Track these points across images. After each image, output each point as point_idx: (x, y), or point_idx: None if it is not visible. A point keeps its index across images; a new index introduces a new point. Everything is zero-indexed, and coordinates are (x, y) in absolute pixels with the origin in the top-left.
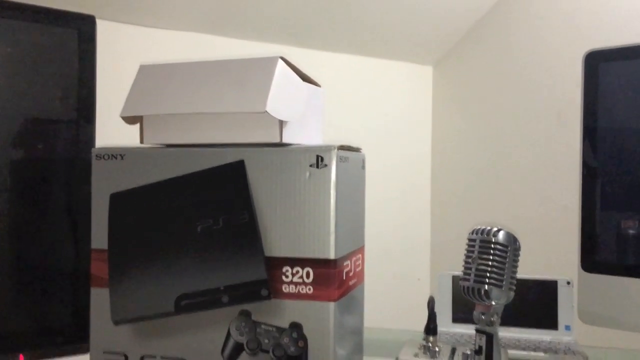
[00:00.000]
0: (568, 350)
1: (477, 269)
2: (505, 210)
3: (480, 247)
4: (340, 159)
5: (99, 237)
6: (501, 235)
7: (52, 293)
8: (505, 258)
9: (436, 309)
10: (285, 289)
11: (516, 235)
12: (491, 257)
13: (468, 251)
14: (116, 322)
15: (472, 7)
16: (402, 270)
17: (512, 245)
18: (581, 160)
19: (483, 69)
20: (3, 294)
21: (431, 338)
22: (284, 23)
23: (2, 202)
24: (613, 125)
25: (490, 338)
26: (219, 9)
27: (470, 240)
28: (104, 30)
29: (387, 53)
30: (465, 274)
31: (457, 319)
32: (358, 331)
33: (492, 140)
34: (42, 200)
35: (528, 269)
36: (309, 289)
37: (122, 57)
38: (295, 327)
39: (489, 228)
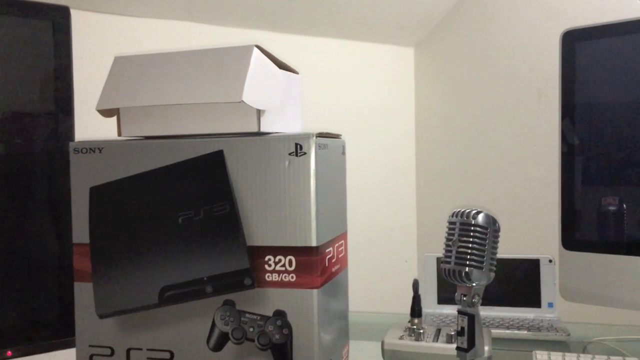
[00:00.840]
0: (551, 327)
1: (457, 252)
2: (490, 189)
3: (460, 229)
4: (320, 147)
5: (80, 232)
6: (480, 217)
7: (38, 288)
8: (485, 240)
9: (422, 290)
10: (269, 277)
11: (497, 216)
12: (471, 240)
13: (448, 234)
14: (101, 316)
15: None
16: (390, 253)
17: (491, 227)
18: (560, 139)
19: (464, 49)
20: None
21: (416, 320)
22: (261, 8)
23: None
24: (591, 103)
25: (472, 319)
26: None
27: (450, 223)
28: (79, 21)
29: (368, 35)
30: (446, 256)
31: (442, 299)
32: (343, 316)
33: (474, 120)
34: (25, 194)
35: (512, 246)
36: (292, 277)
37: (98, 47)
38: (280, 315)
39: (468, 210)
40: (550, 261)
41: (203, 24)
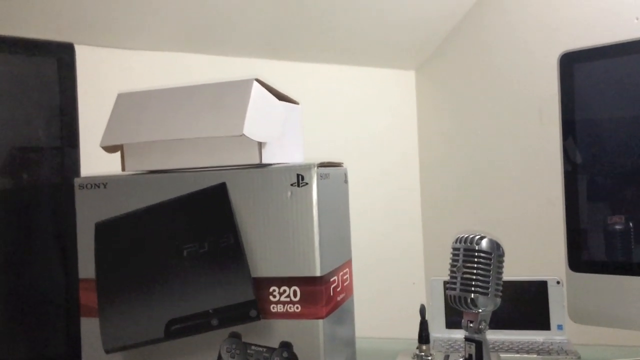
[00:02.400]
0: (561, 350)
1: (462, 278)
2: (495, 210)
3: (464, 255)
4: (321, 176)
5: (87, 267)
6: (484, 242)
7: (45, 323)
8: (489, 265)
9: (429, 315)
10: (274, 308)
11: (503, 237)
12: (475, 266)
13: (453, 260)
14: (108, 351)
15: (450, 10)
16: (397, 277)
17: (495, 252)
18: (562, 163)
19: (465, 70)
20: None
21: (424, 347)
22: (260, 37)
23: None
24: (592, 123)
25: (479, 346)
26: (195, 27)
27: (454, 249)
28: (83, 55)
29: (368, 60)
30: (451, 283)
31: (450, 324)
32: (350, 343)
33: (477, 141)
34: (31, 229)
35: (518, 268)
36: (297, 308)
37: (102, 80)
38: (286, 346)
39: (471, 236)
40: (558, 283)
41: (203, 55)
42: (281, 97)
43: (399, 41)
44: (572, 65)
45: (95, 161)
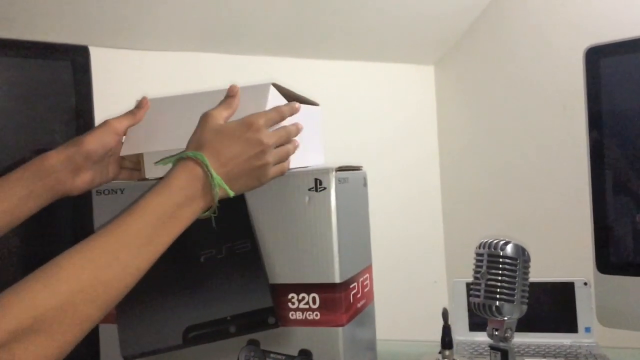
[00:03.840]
0: (589, 354)
1: (486, 285)
2: (518, 208)
3: (488, 261)
4: (339, 181)
5: None
6: (509, 248)
7: None
8: (515, 272)
9: (452, 318)
10: (292, 315)
11: (527, 237)
12: (500, 272)
13: (476, 266)
14: (126, 358)
15: (470, 3)
16: (419, 277)
17: (521, 257)
18: (589, 159)
19: (485, 65)
20: None
21: (447, 352)
22: (276, 34)
23: (8, 237)
24: (619, 119)
25: (505, 355)
26: (210, 27)
27: (477, 254)
28: (97, 57)
29: (386, 55)
30: (475, 289)
31: (474, 326)
32: (371, 347)
33: (499, 137)
34: (49, 234)
35: (544, 269)
36: (316, 315)
37: (117, 82)
38: (305, 354)
39: (495, 241)
40: (586, 284)
41: (219, 54)
42: (300, 99)
43: (418, 35)
44: (598, 59)
45: None
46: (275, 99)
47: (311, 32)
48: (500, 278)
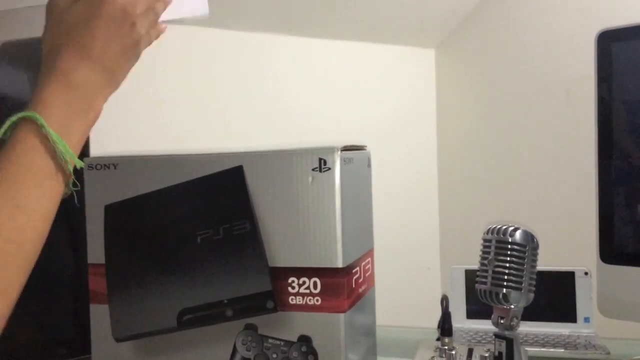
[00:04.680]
0: (588, 344)
1: (494, 272)
2: (517, 196)
3: (496, 248)
4: (344, 161)
5: (96, 251)
6: (518, 234)
7: (55, 306)
8: (523, 259)
9: (450, 304)
10: (292, 300)
11: (526, 226)
12: (508, 259)
13: (484, 252)
14: (118, 339)
15: None
16: (413, 263)
17: (530, 244)
18: (596, 146)
19: (487, 49)
20: None
21: (446, 339)
22: (276, 11)
23: None
24: (629, 106)
25: (510, 343)
26: (214, 2)
27: (485, 240)
28: None
29: (386, 37)
30: (481, 276)
31: (471, 313)
32: (371, 333)
33: (499, 123)
34: None
35: (544, 258)
36: (317, 300)
37: None
38: (304, 340)
39: (504, 227)
40: (586, 273)
41: (216, 29)
42: None
43: (419, 17)
44: (609, 44)
45: (105, 140)
46: None
47: (311, 11)
48: (508, 265)
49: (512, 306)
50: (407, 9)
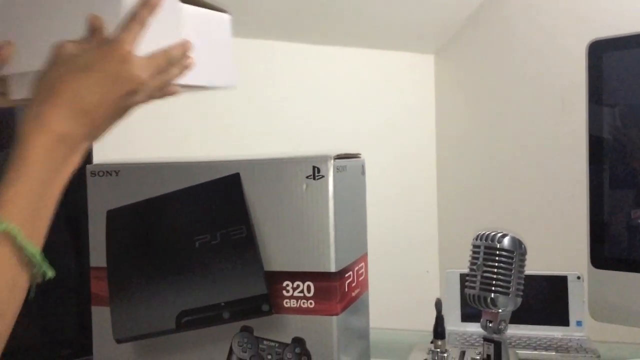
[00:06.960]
0: (580, 348)
1: (482, 277)
2: (514, 202)
3: (485, 253)
4: (338, 169)
5: (98, 255)
6: (506, 241)
7: (58, 308)
8: (511, 264)
9: (444, 308)
10: (287, 303)
11: (522, 230)
12: (496, 264)
13: (473, 258)
14: (118, 341)
15: None
16: (411, 267)
17: (517, 250)
18: (588, 153)
19: (486, 55)
20: None
21: (439, 342)
22: (274, 18)
23: None
24: (619, 114)
25: (498, 346)
26: None
27: (474, 246)
28: None
29: (385, 43)
30: (470, 281)
31: (466, 317)
32: (364, 336)
33: (496, 130)
34: None
35: (538, 262)
36: (311, 303)
37: None
38: (298, 342)
39: (493, 233)
40: (579, 278)
41: None
42: (201, 3)
43: (418, 23)
44: (601, 53)
45: (108, 148)
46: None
47: (310, 17)
48: (496, 270)
49: (500, 310)
50: (406, 16)
